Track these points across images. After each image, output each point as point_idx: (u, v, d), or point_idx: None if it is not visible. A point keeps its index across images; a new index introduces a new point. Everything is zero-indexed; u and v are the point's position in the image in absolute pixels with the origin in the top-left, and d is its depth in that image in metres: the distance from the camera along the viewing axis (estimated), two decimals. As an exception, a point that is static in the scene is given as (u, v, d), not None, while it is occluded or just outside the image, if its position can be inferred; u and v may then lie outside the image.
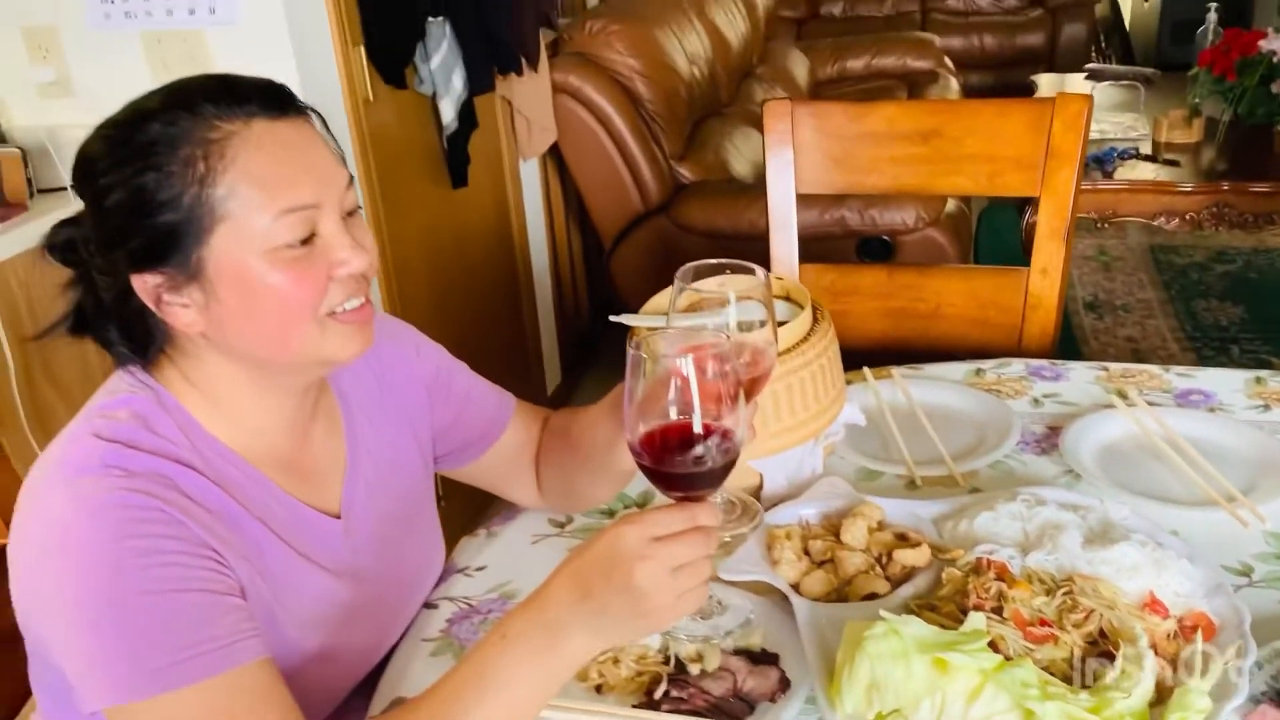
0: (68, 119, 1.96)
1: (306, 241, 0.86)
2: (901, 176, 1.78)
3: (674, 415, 0.81)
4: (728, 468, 0.82)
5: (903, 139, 1.75)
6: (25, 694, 1.04)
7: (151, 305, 0.87)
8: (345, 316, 0.89)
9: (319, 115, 0.91)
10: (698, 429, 0.81)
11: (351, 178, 0.91)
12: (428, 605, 1.12)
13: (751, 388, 0.92)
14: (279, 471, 0.95)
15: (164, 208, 0.83)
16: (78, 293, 0.91)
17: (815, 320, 1.25)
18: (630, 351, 0.82)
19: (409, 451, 1.09)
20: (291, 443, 0.97)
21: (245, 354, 0.89)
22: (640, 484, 1.28)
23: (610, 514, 1.24)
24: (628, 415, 0.82)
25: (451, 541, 1.21)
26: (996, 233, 3.93)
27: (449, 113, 2.34)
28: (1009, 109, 1.70)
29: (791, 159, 1.78)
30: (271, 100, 0.86)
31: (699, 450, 0.80)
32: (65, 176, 1.86)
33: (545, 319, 3.17)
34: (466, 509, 1.96)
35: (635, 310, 1.26)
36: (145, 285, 0.86)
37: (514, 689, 0.80)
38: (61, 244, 0.89)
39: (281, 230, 0.84)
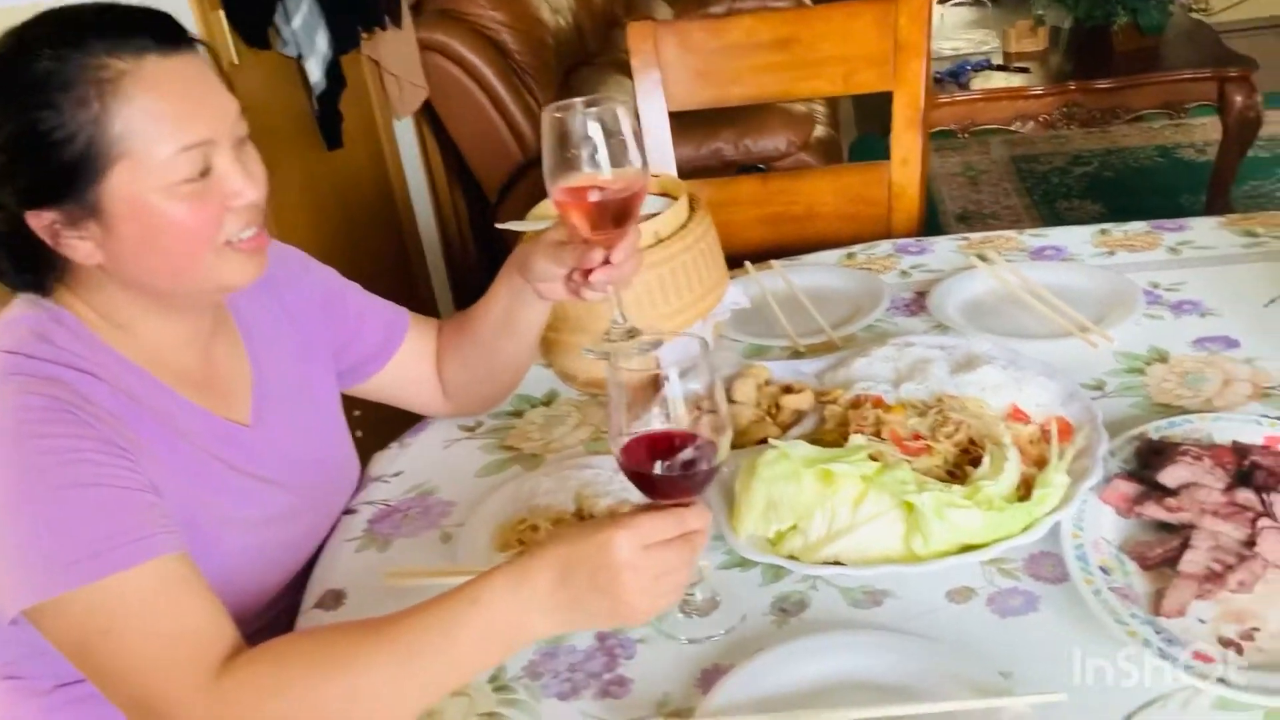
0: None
1: (203, 175, 0.87)
2: (764, 85, 1.85)
3: (658, 416, 0.80)
4: (714, 470, 0.82)
5: (762, 48, 1.83)
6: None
7: (48, 240, 0.88)
8: (242, 245, 0.92)
9: (206, 46, 0.93)
10: (690, 431, 0.80)
11: (241, 106, 0.93)
12: (348, 511, 1.16)
13: (632, 205, 0.98)
14: (184, 385, 0.98)
15: (57, 147, 0.83)
16: None
17: (692, 210, 1.32)
18: (608, 372, 0.82)
19: (311, 369, 1.12)
20: (194, 359, 1.00)
21: (143, 284, 0.92)
22: (547, 383, 1.34)
23: (518, 415, 1.29)
24: (613, 426, 0.82)
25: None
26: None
27: (316, 73, 2.33)
28: (857, 10, 1.79)
29: (659, 78, 1.84)
30: (163, 35, 0.87)
31: (688, 454, 0.80)
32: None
33: (437, 277, 3.18)
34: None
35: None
36: (41, 221, 0.87)
37: (474, 652, 0.80)
38: None
39: (179, 166, 0.86)
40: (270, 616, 1.05)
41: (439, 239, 3.19)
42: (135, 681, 0.81)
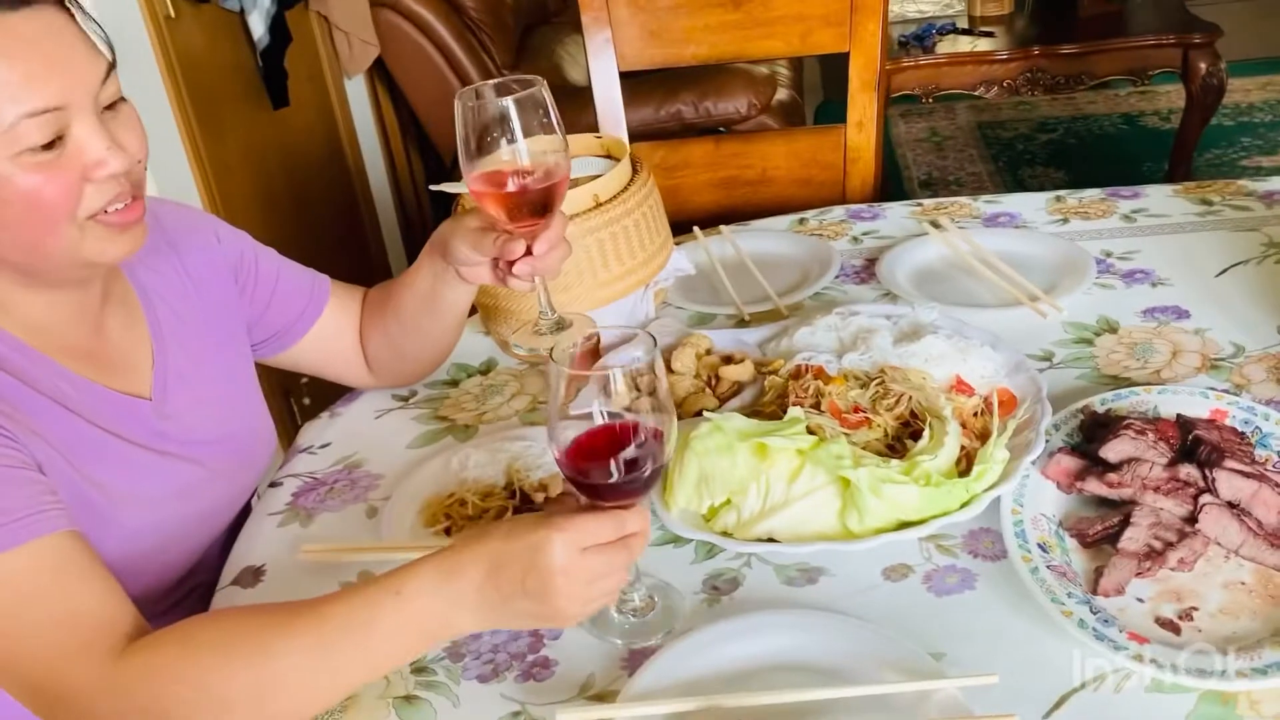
0: None
1: (56, 143, 0.80)
2: (718, 45, 1.80)
3: (598, 416, 0.77)
4: (657, 473, 0.79)
5: (715, 6, 1.77)
6: None
7: None
8: (108, 218, 0.85)
9: (75, 2, 0.85)
10: (633, 432, 0.77)
11: (112, 65, 0.84)
12: (273, 484, 1.12)
13: (553, 195, 0.93)
14: (77, 360, 0.92)
15: None
16: None
17: (635, 172, 1.27)
18: (549, 366, 0.79)
19: (220, 340, 1.07)
20: (82, 333, 0.94)
21: (2, 260, 0.85)
22: (486, 352, 1.30)
23: (454, 384, 1.25)
24: (551, 427, 0.79)
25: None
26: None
27: (259, 27, 2.26)
28: (814, -31, 1.74)
29: (610, 36, 1.79)
30: None
31: (630, 453, 0.77)
32: None
33: (391, 240, 3.12)
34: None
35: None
36: None
37: (392, 645, 0.76)
38: None
39: (24, 134, 0.78)
40: (180, 595, 1.01)
41: (393, 201, 3.13)
42: (29, 668, 0.77)
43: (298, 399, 2.36)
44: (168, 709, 0.75)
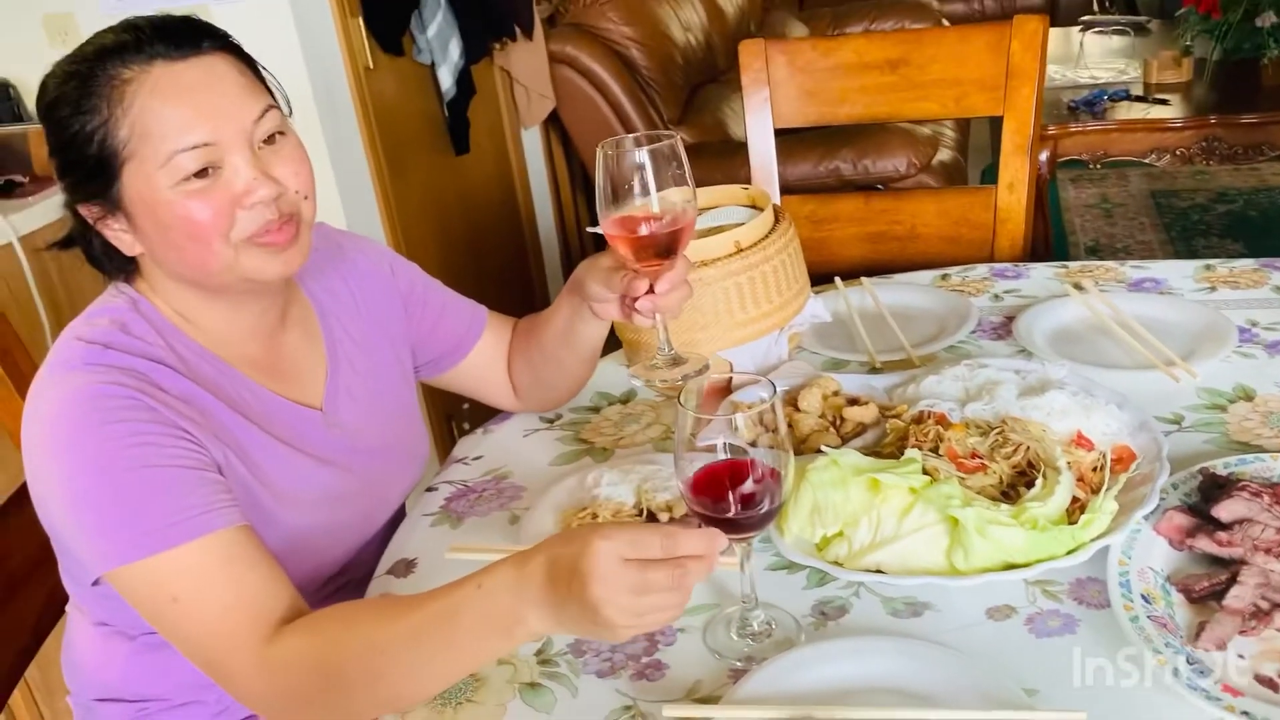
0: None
1: (207, 174, 0.93)
2: (873, 105, 1.87)
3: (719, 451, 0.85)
4: (773, 512, 0.85)
5: (871, 69, 1.84)
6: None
7: (101, 230, 0.97)
8: (260, 240, 0.96)
9: (237, 45, 0.97)
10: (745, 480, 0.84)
11: (271, 105, 0.97)
12: (429, 489, 1.23)
13: (678, 239, 1.01)
14: (256, 370, 1.05)
15: (84, 147, 0.92)
16: (68, 215, 1.01)
17: (777, 221, 1.35)
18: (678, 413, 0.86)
19: (387, 360, 1.19)
20: (261, 346, 1.07)
21: (180, 276, 0.99)
22: (627, 383, 1.39)
23: (595, 410, 1.34)
24: (677, 458, 0.85)
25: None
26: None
27: (447, 80, 2.45)
28: (970, 34, 1.79)
29: (767, 95, 1.87)
30: (174, 40, 0.92)
31: (747, 489, 0.82)
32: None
33: (554, 283, 3.28)
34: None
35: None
36: (90, 213, 0.97)
37: (474, 638, 0.81)
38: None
39: (179, 166, 0.91)
40: (334, 588, 1.12)
41: (558, 246, 3.29)
42: (200, 645, 0.90)
43: (458, 423, 2.51)
44: (303, 694, 0.87)
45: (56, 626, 1.23)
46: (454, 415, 2.52)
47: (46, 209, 1.88)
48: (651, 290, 1.03)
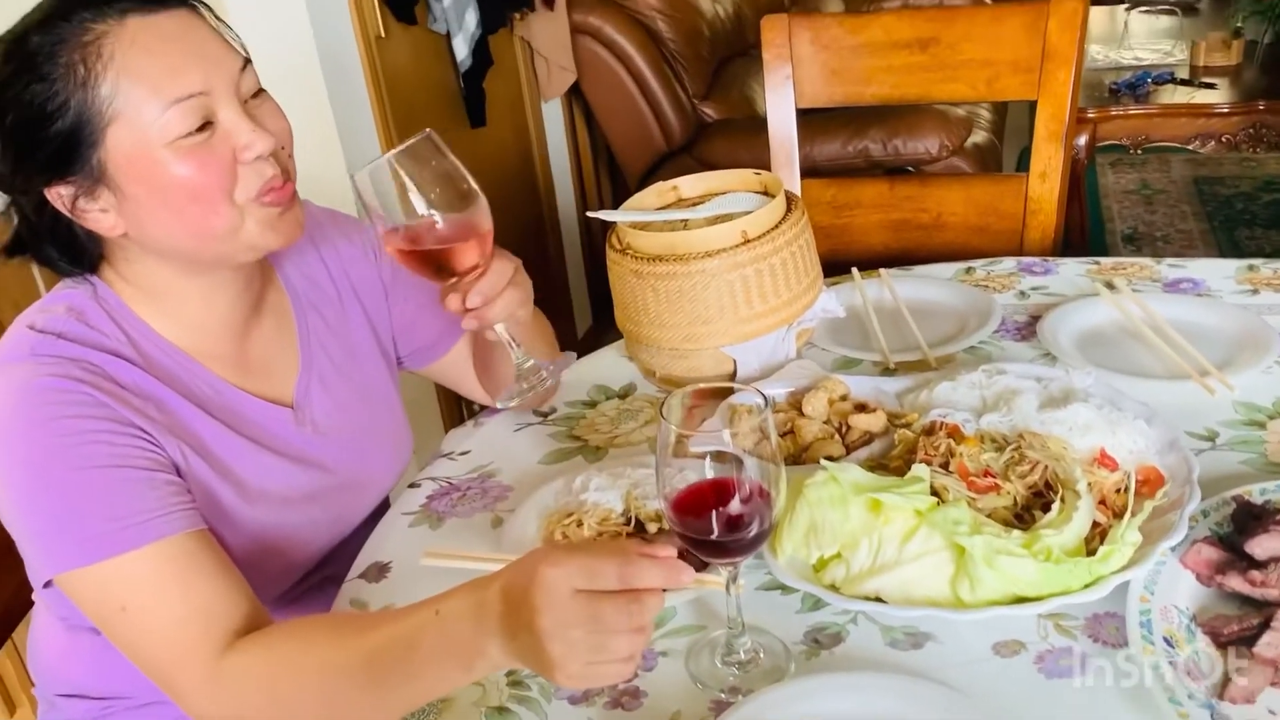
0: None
1: (205, 129, 0.86)
2: (901, 85, 1.77)
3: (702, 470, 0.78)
4: (762, 536, 0.79)
5: (900, 48, 1.75)
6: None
7: (73, 218, 0.88)
8: (265, 199, 0.89)
9: (205, 4, 0.91)
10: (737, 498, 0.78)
11: (247, 60, 0.90)
12: (411, 485, 1.17)
13: (472, 247, 0.92)
14: (222, 364, 0.98)
15: (52, 118, 0.83)
16: (11, 216, 0.93)
17: (789, 210, 1.27)
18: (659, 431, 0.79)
19: (367, 347, 1.13)
20: (233, 338, 1.00)
21: (170, 248, 0.91)
22: (627, 376, 1.32)
23: (592, 405, 1.28)
24: (658, 475, 0.79)
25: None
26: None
27: (463, 50, 2.37)
28: (1005, 13, 1.69)
29: (790, 73, 1.79)
30: None
31: (734, 510, 0.76)
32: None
33: (573, 261, 3.21)
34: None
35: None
36: (59, 197, 0.87)
37: (432, 666, 0.75)
38: None
39: (174, 121, 0.84)
40: (312, 584, 1.07)
41: (578, 223, 3.21)
42: (149, 656, 0.85)
43: (468, 403, 2.45)
44: (253, 714, 0.81)
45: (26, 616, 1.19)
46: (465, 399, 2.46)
47: None
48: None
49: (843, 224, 1.86)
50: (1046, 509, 0.91)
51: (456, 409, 2.45)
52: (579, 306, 3.26)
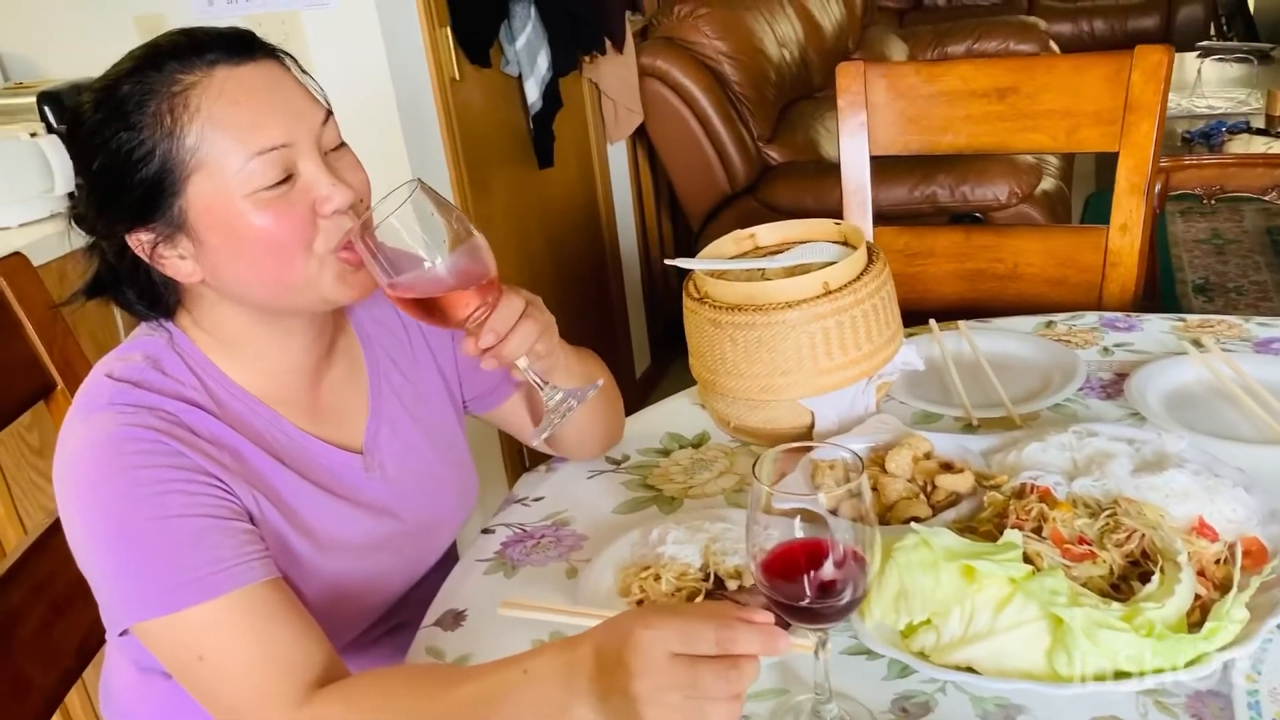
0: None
1: (286, 181, 0.86)
2: (978, 135, 1.76)
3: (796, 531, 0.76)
4: (854, 603, 0.77)
5: (978, 97, 1.73)
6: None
7: (149, 261, 0.89)
8: (342, 253, 0.90)
9: (291, 56, 0.92)
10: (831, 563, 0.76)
11: (329, 113, 0.91)
12: (485, 531, 1.17)
13: (476, 293, 0.91)
14: (294, 411, 0.99)
15: (139, 165, 0.84)
16: (93, 258, 0.94)
17: (870, 262, 1.26)
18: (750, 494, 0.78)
19: (436, 392, 1.13)
20: (306, 384, 1.00)
21: (246, 297, 0.92)
22: (701, 425, 1.31)
23: (665, 454, 1.27)
24: (748, 535, 0.78)
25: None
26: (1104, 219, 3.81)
27: (534, 93, 2.40)
28: (1086, 63, 1.67)
29: (865, 120, 1.78)
30: (233, 46, 0.86)
31: (826, 574, 0.75)
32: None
33: (634, 302, 3.21)
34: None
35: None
36: (140, 243, 0.88)
37: None
38: (75, 215, 0.91)
39: (256, 172, 0.85)
40: (383, 631, 1.07)
41: (640, 263, 3.22)
42: (227, 707, 0.84)
43: (529, 453, 2.46)
44: None
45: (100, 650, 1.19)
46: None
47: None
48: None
49: (914, 272, 1.84)
50: (1143, 579, 0.88)
51: (518, 455, 2.45)
52: (638, 346, 3.26)
